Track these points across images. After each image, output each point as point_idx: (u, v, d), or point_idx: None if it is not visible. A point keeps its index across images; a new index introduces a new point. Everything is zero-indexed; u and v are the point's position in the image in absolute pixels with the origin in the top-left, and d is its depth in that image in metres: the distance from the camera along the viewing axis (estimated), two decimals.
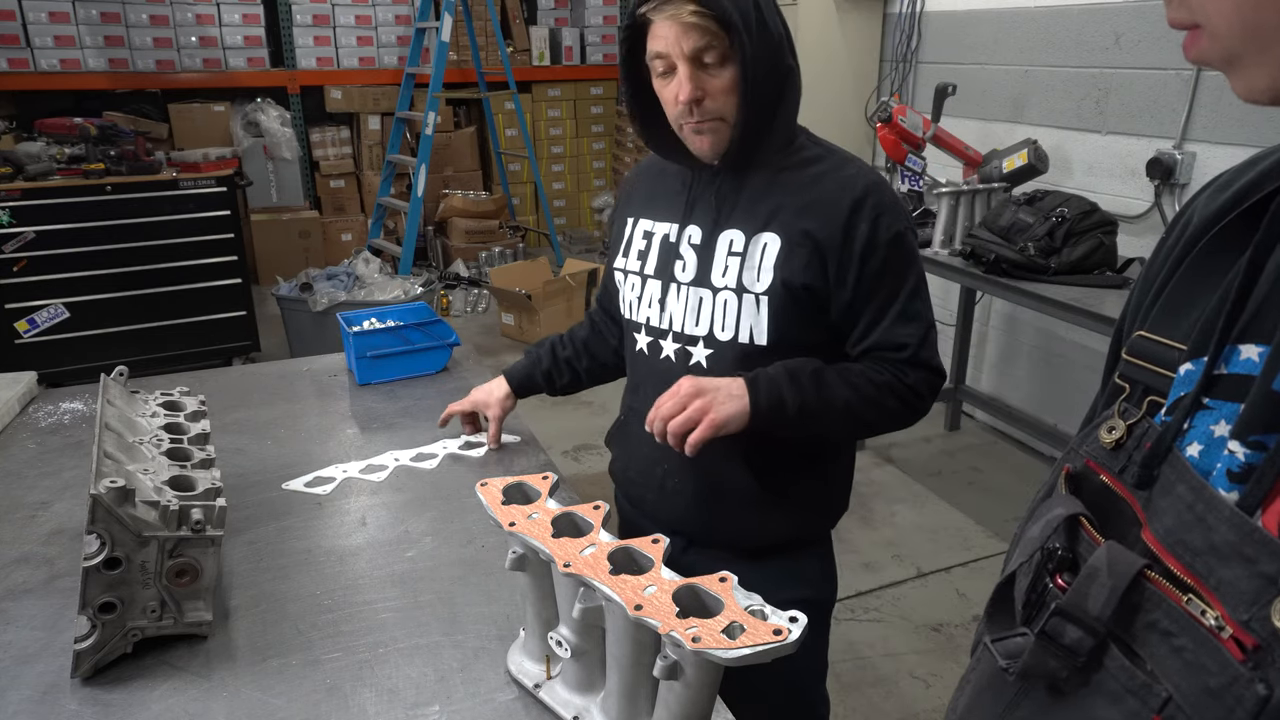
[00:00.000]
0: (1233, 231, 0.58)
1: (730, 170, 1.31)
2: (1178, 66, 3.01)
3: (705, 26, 1.17)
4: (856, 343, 1.32)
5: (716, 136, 1.26)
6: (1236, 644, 0.48)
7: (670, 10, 1.18)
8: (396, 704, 1.03)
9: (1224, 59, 0.51)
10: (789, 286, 1.27)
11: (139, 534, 1.03)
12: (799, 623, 0.82)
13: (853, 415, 1.28)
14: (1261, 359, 0.52)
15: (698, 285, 1.33)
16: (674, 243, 1.36)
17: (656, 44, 1.21)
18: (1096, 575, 0.54)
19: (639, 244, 1.41)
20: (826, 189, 1.28)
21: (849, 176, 1.29)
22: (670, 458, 1.36)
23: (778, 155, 1.30)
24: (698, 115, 1.23)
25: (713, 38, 1.18)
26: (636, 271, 1.40)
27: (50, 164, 4.05)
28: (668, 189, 1.40)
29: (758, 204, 1.30)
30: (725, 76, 1.21)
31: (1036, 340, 3.80)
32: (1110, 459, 0.59)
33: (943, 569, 3.02)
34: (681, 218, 1.36)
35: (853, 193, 1.26)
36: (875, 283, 1.28)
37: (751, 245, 1.29)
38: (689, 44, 1.18)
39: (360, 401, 1.88)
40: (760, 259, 1.28)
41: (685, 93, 1.21)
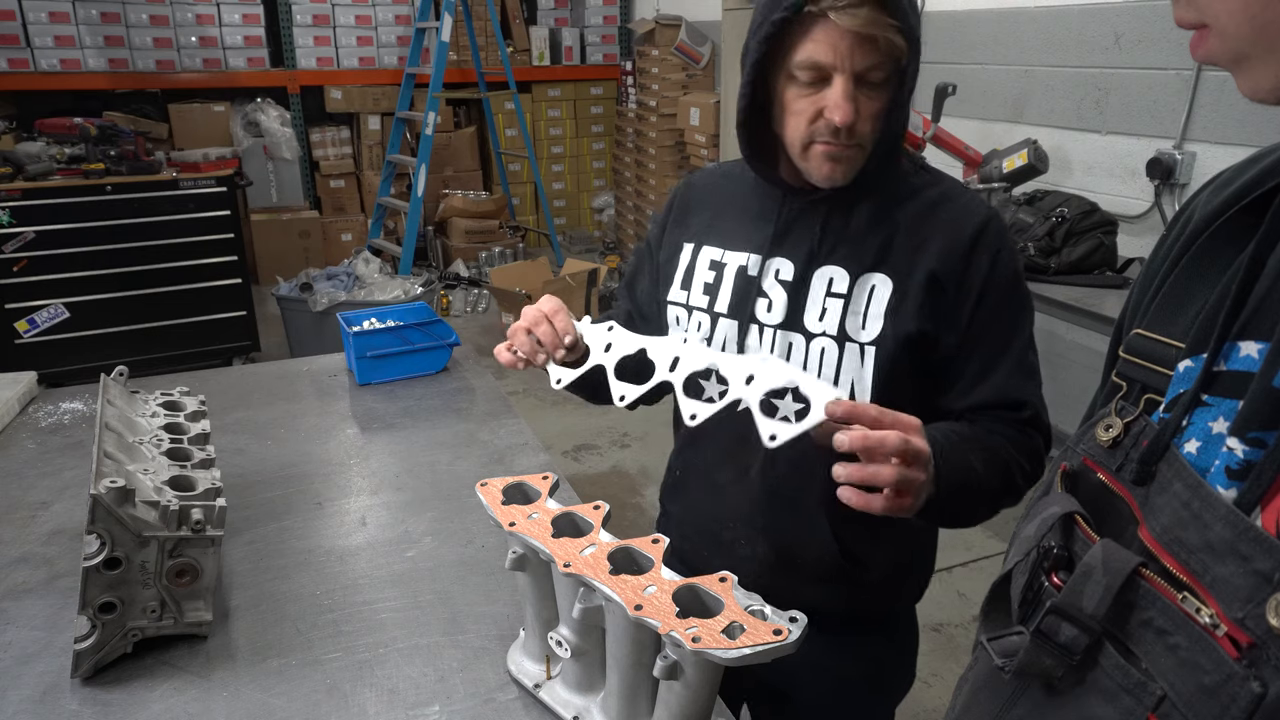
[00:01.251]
0: (1233, 229, 0.58)
1: (835, 199, 1.13)
2: (1178, 66, 3.01)
3: (883, 41, 1.00)
4: (963, 395, 1.12)
5: (850, 165, 1.09)
6: (1231, 642, 0.48)
7: (849, 14, 0.98)
8: (396, 704, 1.03)
9: (1231, 58, 0.51)
10: (900, 337, 1.09)
11: (139, 534, 1.03)
12: (799, 623, 0.82)
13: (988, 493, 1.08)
14: (1261, 356, 0.52)
15: (787, 329, 1.14)
16: (754, 276, 1.17)
17: (814, 50, 1.01)
18: (1091, 573, 0.54)
19: (704, 275, 1.22)
20: (943, 220, 1.11)
21: (967, 205, 1.13)
22: (741, 518, 1.21)
23: (884, 184, 1.14)
24: (843, 139, 1.05)
25: (883, 56, 1.01)
26: (704, 308, 1.21)
27: (50, 164, 4.06)
28: (744, 212, 1.21)
29: (866, 238, 1.12)
30: (880, 100, 1.05)
31: (1036, 340, 3.79)
32: (1107, 457, 0.59)
33: (943, 569, 3.02)
34: (766, 249, 1.17)
35: (974, 222, 1.11)
36: (989, 326, 1.11)
37: (857, 287, 1.11)
38: (861, 59, 1.01)
39: (360, 401, 1.89)
40: (867, 303, 1.11)
41: (843, 114, 1.02)
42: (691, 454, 1.30)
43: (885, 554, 1.22)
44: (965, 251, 1.10)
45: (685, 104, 5.63)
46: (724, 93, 5.05)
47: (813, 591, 1.19)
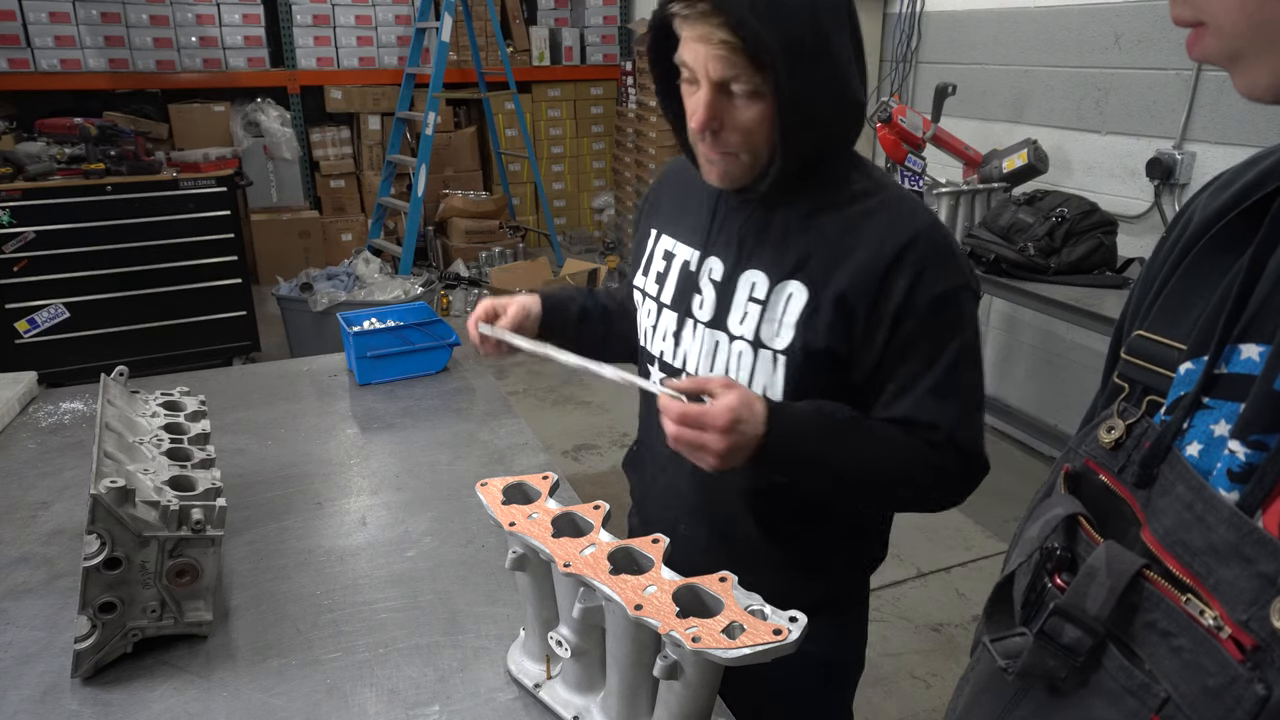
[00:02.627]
0: (1233, 231, 0.58)
1: (764, 202, 1.12)
2: (1178, 66, 3.01)
3: (733, 58, 0.98)
4: (882, 409, 1.11)
5: (727, 169, 1.09)
6: (1235, 644, 0.48)
7: (700, 27, 0.98)
8: (396, 704, 1.03)
9: (1228, 56, 0.51)
10: (809, 351, 1.09)
11: (139, 534, 1.03)
12: (799, 622, 0.82)
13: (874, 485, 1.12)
14: (1262, 359, 0.52)
15: (714, 327, 1.16)
16: (694, 273, 1.19)
17: (684, 52, 1.02)
18: (1095, 575, 0.54)
19: (659, 264, 1.25)
20: (868, 234, 1.07)
21: (897, 219, 1.08)
22: (681, 503, 1.26)
23: (822, 190, 1.12)
24: (711, 144, 1.06)
25: (744, 68, 0.99)
26: (654, 297, 1.25)
27: (50, 164, 4.06)
28: (694, 207, 1.22)
29: (787, 245, 1.11)
30: (753, 111, 1.02)
31: (1036, 340, 3.80)
32: (1109, 459, 0.59)
33: (943, 569, 3.02)
34: (704, 245, 1.19)
35: (897, 240, 1.06)
36: (907, 348, 1.08)
37: (775, 293, 1.11)
38: (717, 69, 0.99)
39: (360, 401, 1.89)
40: (782, 312, 1.10)
41: (698, 120, 1.03)
42: (645, 430, 1.34)
43: (815, 539, 1.23)
44: (882, 273, 1.06)
45: None
46: None
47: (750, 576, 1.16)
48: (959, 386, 1.09)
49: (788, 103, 1.00)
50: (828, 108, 1.04)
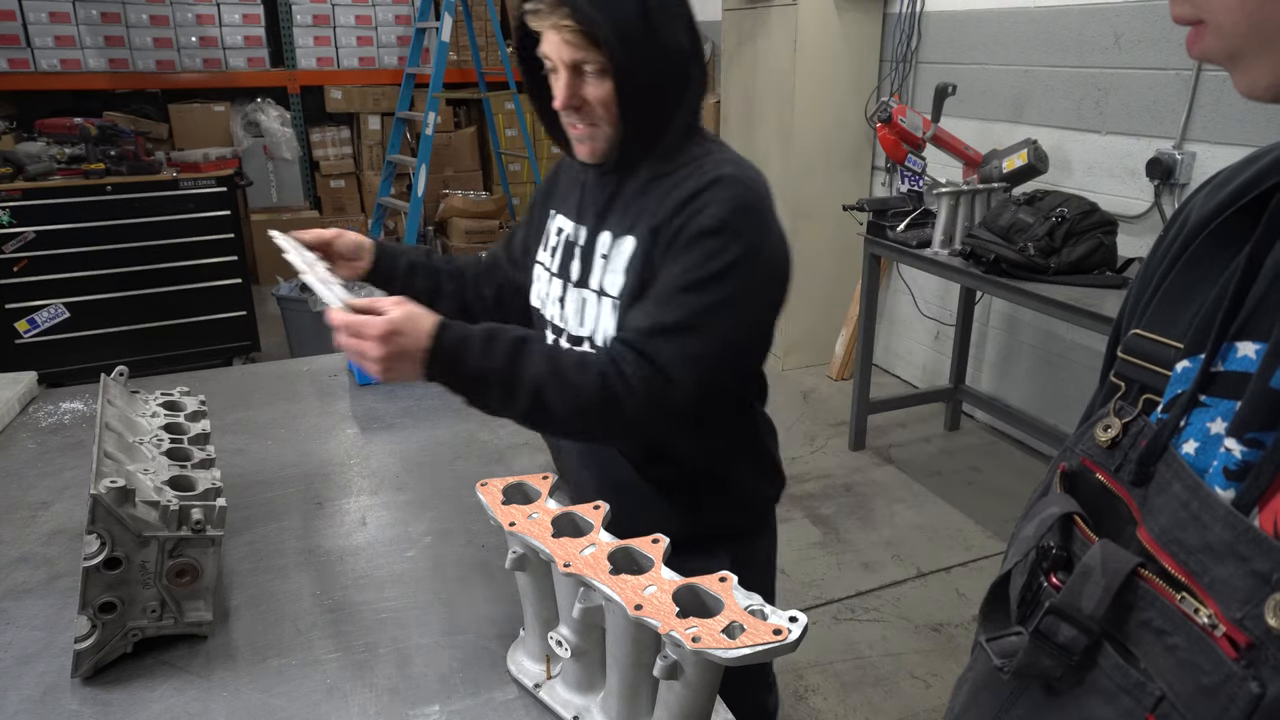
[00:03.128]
0: (1230, 229, 0.58)
1: (613, 173, 1.30)
2: (1178, 66, 3.01)
3: (580, 42, 1.16)
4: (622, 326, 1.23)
5: (594, 144, 1.25)
6: (1230, 642, 0.48)
7: (550, 20, 1.17)
8: (396, 704, 1.03)
9: (1227, 55, 0.51)
10: (631, 290, 1.24)
11: (139, 534, 1.03)
12: (799, 622, 0.82)
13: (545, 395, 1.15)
14: (1259, 356, 0.52)
15: (580, 286, 1.32)
16: (571, 242, 1.36)
17: (543, 45, 1.21)
18: (1090, 574, 0.54)
19: (553, 240, 1.40)
20: (681, 183, 1.22)
21: (707, 170, 1.21)
22: (573, 452, 1.41)
23: (661, 161, 1.26)
24: (576, 121, 1.24)
25: (590, 50, 1.17)
26: (546, 267, 1.40)
27: (50, 164, 4.06)
28: (573, 185, 1.40)
29: (630, 207, 1.27)
30: (605, 88, 1.20)
31: (1036, 340, 3.80)
32: (1106, 457, 0.59)
33: (942, 569, 3.02)
34: (576, 216, 1.36)
35: (696, 183, 1.20)
36: (666, 267, 1.19)
37: (614, 249, 1.27)
38: (567, 54, 1.18)
39: (360, 401, 1.89)
40: (619, 262, 1.26)
41: (561, 99, 1.21)
42: None
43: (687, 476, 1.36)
44: (681, 204, 1.20)
45: None
46: (724, 93, 5.05)
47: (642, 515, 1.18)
48: (684, 304, 1.16)
49: (623, 78, 1.18)
50: (660, 87, 1.21)
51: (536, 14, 1.19)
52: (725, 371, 1.23)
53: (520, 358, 1.15)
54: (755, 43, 4.60)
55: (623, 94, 1.19)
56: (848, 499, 3.48)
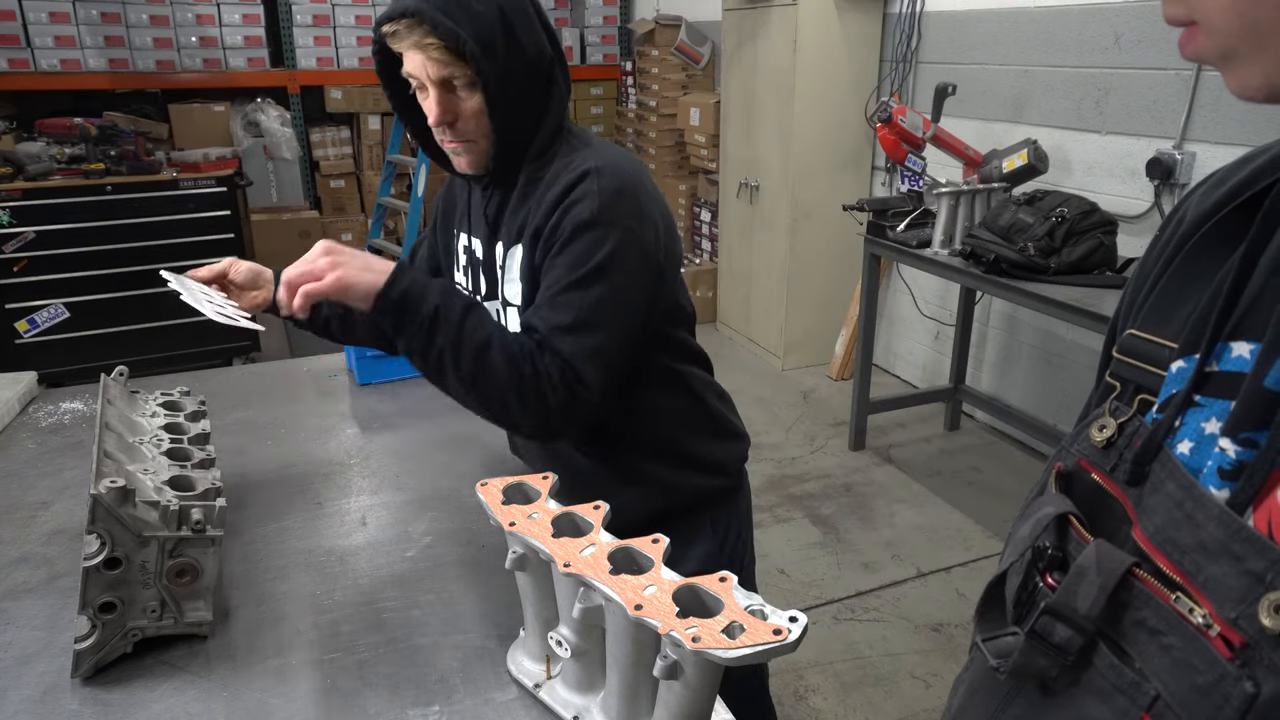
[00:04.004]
0: (1225, 228, 0.58)
1: (495, 184, 1.33)
2: (1178, 66, 3.01)
3: (444, 57, 1.17)
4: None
5: (472, 156, 1.27)
6: (1224, 642, 0.48)
7: (410, 38, 1.17)
8: (396, 704, 1.03)
9: (1220, 55, 0.51)
10: (527, 297, 1.28)
11: (139, 534, 1.03)
12: (799, 622, 0.82)
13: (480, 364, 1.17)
14: (1253, 356, 0.52)
15: (489, 299, 1.37)
16: (478, 258, 1.39)
17: (406, 64, 1.21)
18: (1085, 574, 0.54)
19: (463, 259, 1.44)
20: (554, 183, 1.25)
21: (577, 165, 1.24)
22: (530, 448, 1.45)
23: (537, 166, 1.29)
24: (451, 136, 1.25)
25: (457, 64, 1.18)
26: (465, 287, 1.44)
27: (50, 164, 4.06)
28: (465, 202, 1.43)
29: (515, 215, 1.30)
30: (475, 100, 1.21)
31: (1036, 340, 3.80)
32: (1101, 457, 0.60)
33: (942, 569, 3.03)
34: (470, 230, 1.40)
35: (568, 179, 1.23)
36: (549, 267, 1.23)
37: (509, 258, 1.31)
38: (434, 71, 1.19)
39: (360, 401, 1.89)
40: (515, 272, 1.30)
41: (434, 116, 1.22)
42: None
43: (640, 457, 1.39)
44: (554, 203, 1.23)
45: (685, 104, 5.64)
46: (724, 93, 5.06)
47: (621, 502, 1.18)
48: (575, 302, 1.20)
49: (492, 87, 1.18)
50: (528, 92, 1.23)
51: (396, 35, 1.18)
52: (628, 355, 1.27)
53: (475, 313, 1.19)
54: (755, 43, 4.60)
55: (492, 103, 1.20)
56: (848, 499, 3.49)
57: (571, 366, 1.18)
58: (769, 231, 4.75)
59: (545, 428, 1.24)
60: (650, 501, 1.39)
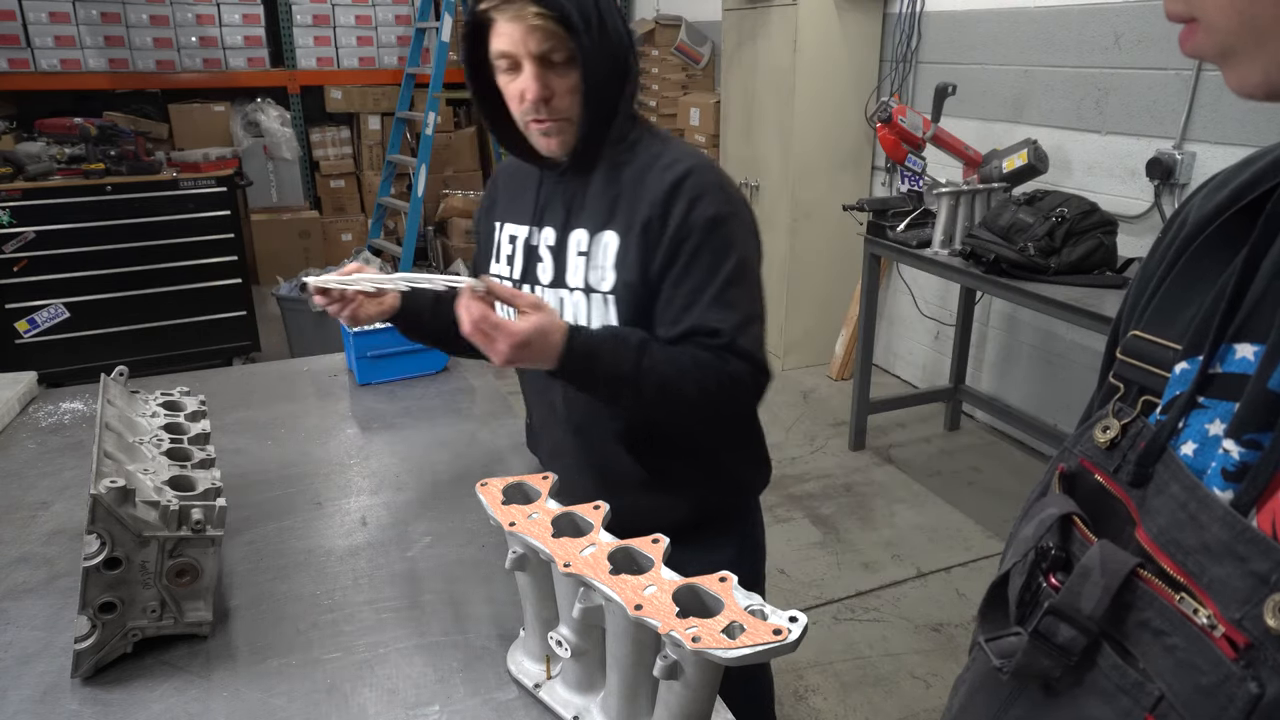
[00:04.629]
0: (1228, 230, 0.58)
1: (575, 169, 1.31)
2: (1178, 66, 3.01)
3: (549, 28, 1.17)
4: (669, 328, 1.27)
5: (563, 136, 1.26)
6: (1229, 643, 0.48)
7: (513, 10, 1.17)
8: (396, 704, 1.03)
9: (1219, 52, 0.51)
10: (629, 285, 1.27)
11: (139, 534, 1.03)
12: (799, 622, 0.82)
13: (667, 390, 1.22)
14: (1257, 358, 0.52)
15: (555, 286, 1.34)
16: (534, 245, 1.36)
17: (500, 42, 1.20)
18: (1089, 574, 0.54)
19: (506, 249, 1.41)
20: (653, 177, 1.27)
21: (673, 160, 1.28)
22: (569, 451, 1.41)
23: (617, 151, 1.30)
24: (545, 114, 1.23)
25: (558, 39, 1.18)
26: (508, 276, 1.41)
27: (50, 164, 4.06)
28: (523, 190, 1.40)
29: (599, 201, 1.30)
30: (572, 77, 1.21)
31: (1036, 340, 3.80)
32: (1105, 458, 0.60)
33: (942, 569, 3.02)
34: (534, 219, 1.36)
35: (673, 175, 1.26)
36: (689, 265, 1.25)
37: (594, 244, 1.29)
38: (535, 44, 1.18)
39: (360, 401, 1.89)
40: (603, 258, 1.29)
41: (533, 92, 1.20)
42: (530, 400, 1.53)
43: (687, 461, 1.39)
44: (664, 199, 1.24)
45: (685, 104, 5.64)
46: (724, 93, 5.05)
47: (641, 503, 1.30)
48: (736, 300, 1.25)
49: (589, 64, 1.19)
50: (615, 73, 1.24)
51: (498, 8, 1.18)
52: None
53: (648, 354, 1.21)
54: (755, 43, 4.60)
55: (588, 82, 1.21)
56: (848, 499, 3.48)
57: (755, 359, 1.25)
58: (769, 231, 4.74)
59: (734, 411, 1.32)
60: (676, 511, 1.36)
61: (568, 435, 1.40)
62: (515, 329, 1.12)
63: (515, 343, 1.12)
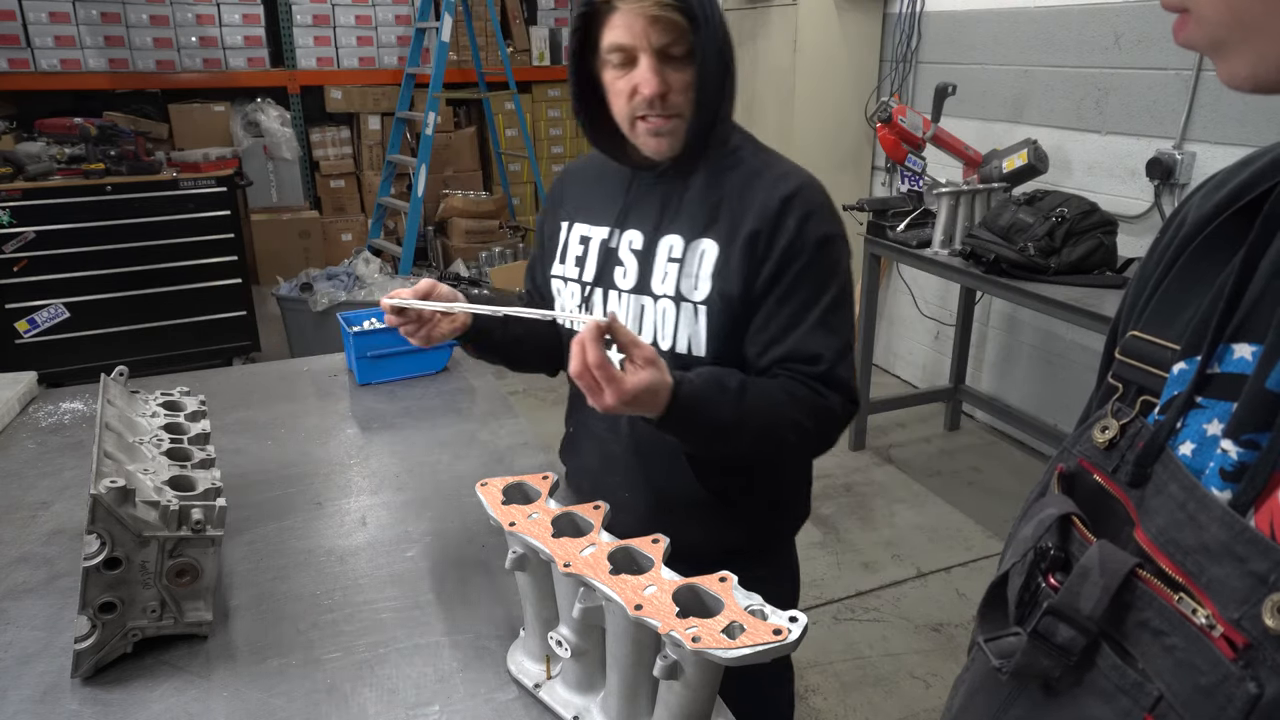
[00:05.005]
0: (1227, 231, 0.58)
1: (674, 173, 1.27)
2: (1178, 66, 3.01)
3: (672, 20, 1.13)
4: (766, 348, 1.23)
5: (674, 136, 1.22)
6: (1227, 643, 0.48)
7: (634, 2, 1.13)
8: (396, 704, 1.03)
9: (1209, 44, 0.52)
10: (725, 297, 1.22)
11: (139, 534, 1.03)
12: (799, 622, 0.82)
13: (767, 435, 1.19)
14: (1255, 358, 0.52)
15: (638, 293, 1.28)
16: (613, 248, 1.31)
17: (616, 35, 1.15)
18: (1088, 574, 0.54)
19: (576, 250, 1.36)
20: (761, 187, 1.23)
21: (783, 175, 1.25)
22: (619, 470, 1.35)
23: (720, 155, 1.27)
24: (660, 110, 1.18)
25: (678, 32, 1.14)
26: (575, 279, 1.36)
27: (50, 164, 4.06)
28: (604, 191, 1.35)
29: (698, 208, 1.25)
30: (687, 73, 1.17)
31: (1036, 340, 3.80)
32: (1103, 458, 0.60)
33: (942, 569, 3.03)
34: (618, 221, 1.31)
35: (785, 189, 1.22)
36: (795, 285, 1.22)
37: (690, 251, 1.25)
38: (657, 37, 1.14)
39: (360, 401, 1.89)
40: (698, 266, 1.24)
41: (651, 86, 1.15)
42: (578, 411, 1.44)
43: (747, 487, 1.35)
44: (776, 214, 1.21)
45: None
46: None
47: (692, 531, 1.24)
48: (838, 326, 1.23)
49: (706, 60, 1.16)
50: (724, 74, 1.20)
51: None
52: None
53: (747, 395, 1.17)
54: (755, 43, 4.60)
55: (702, 78, 1.17)
56: (848, 499, 3.48)
57: (849, 390, 1.23)
58: None
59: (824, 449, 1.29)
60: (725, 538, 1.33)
61: (629, 453, 1.34)
62: (627, 386, 1.05)
63: (624, 399, 1.05)
